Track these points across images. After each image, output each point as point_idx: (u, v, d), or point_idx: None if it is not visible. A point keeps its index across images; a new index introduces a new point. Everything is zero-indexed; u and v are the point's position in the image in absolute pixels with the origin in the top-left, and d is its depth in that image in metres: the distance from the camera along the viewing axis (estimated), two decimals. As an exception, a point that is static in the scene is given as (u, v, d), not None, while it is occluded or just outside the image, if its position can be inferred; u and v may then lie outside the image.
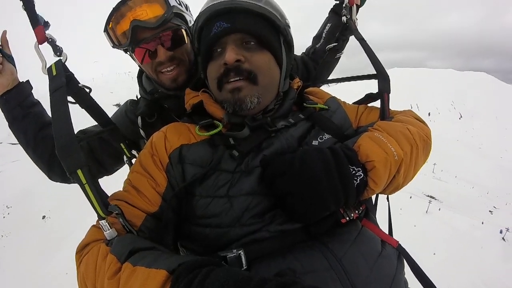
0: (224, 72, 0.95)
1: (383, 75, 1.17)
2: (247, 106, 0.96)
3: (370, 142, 0.89)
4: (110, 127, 1.28)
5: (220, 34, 0.95)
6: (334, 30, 1.58)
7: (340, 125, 1.08)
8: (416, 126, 1.03)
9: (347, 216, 0.90)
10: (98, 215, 0.81)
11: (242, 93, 0.95)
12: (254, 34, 0.96)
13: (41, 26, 1.07)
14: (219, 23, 0.95)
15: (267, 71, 0.98)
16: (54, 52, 1.08)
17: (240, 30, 0.95)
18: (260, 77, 0.96)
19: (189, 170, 0.93)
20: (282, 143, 0.97)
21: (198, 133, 0.98)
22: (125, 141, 1.31)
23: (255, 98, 0.96)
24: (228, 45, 0.95)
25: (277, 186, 0.84)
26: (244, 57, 0.94)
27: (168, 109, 1.40)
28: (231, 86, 0.95)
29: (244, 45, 0.96)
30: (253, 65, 0.95)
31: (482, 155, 25.38)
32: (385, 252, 0.90)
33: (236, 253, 0.81)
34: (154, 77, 1.33)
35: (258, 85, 0.96)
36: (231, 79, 0.95)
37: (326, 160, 0.83)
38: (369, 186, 0.86)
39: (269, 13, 0.98)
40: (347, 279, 0.78)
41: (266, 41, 0.98)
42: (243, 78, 0.95)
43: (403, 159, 0.88)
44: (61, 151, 0.81)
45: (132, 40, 1.22)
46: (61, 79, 0.99)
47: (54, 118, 0.87)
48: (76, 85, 1.14)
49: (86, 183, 0.80)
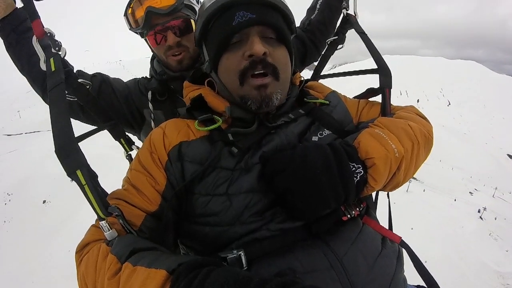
0: (250, 64, 0.91)
1: (385, 70, 1.14)
2: (273, 103, 0.94)
3: (370, 138, 0.88)
4: (110, 123, 1.27)
5: (244, 24, 0.90)
6: (328, 1, 1.59)
7: (341, 120, 1.06)
8: (418, 122, 1.01)
9: (348, 214, 0.89)
10: (98, 216, 0.80)
11: (269, 90, 0.92)
12: (276, 28, 0.94)
13: (39, 19, 1.04)
14: (242, 13, 0.90)
15: (285, 66, 0.97)
16: (53, 46, 1.04)
17: (265, 22, 0.92)
18: (281, 72, 0.94)
19: (189, 168, 0.91)
20: (282, 139, 0.95)
21: (197, 127, 0.96)
22: (125, 136, 1.32)
23: (278, 94, 0.94)
24: (253, 36, 0.91)
25: (276, 183, 0.83)
26: (268, 50, 0.92)
27: (174, 90, 1.50)
28: (258, 83, 0.91)
29: (265, 39, 0.93)
30: (275, 60, 0.93)
31: (468, 141, 26.04)
32: (385, 251, 0.89)
33: (237, 254, 0.80)
34: (163, 58, 1.45)
35: (280, 80, 0.94)
36: (257, 71, 0.91)
37: (326, 156, 0.82)
38: (369, 183, 0.85)
39: (285, 8, 0.97)
40: (347, 279, 0.77)
41: (284, 36, 0.96)
42: (269, 73, 0.92)
43: (403, 156, 0.87)
44: (60, 151, 0.80)
45: (146, 24, 1.36)
46: (59, 75, 0.96)
47: (53, 117, 0.86)
48: (75, 81, 1.13)
49: (86, 184, 0.79)
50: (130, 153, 1.32)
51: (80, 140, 0.94)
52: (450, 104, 23.84)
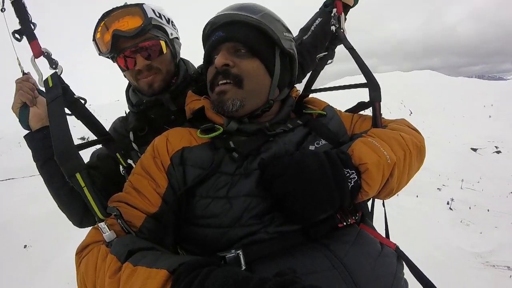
0: (214, 75, 1.02)
1: (374, 84, 1.17)
2: (228, 108, 0.99)
3: (363, 146, 0.91)
4: (105, 137, 1.28)
5: (216, 42, 1.03)
6: (323, 26, 1.57)
7: (336, 131, 1.10)
8: (409, 133, 1.04)
9: (344, 221, 0.91)
10: (97, 218, 0.81)
11: (226, 96, 0.99)
12: (245, 42, 1.01)
13: (36, 40, 1.08)
14: (218, 33, 1.03)
15: (254, 77, 1.01)
16: (50, 65, 1.08)
17: (232, 39, 1.01)
18: (246, 81, 1.00)
19: (190, 172, 0.93)
20: (280, 147, 0.98)
21: (199, 135, 1.00)
22: (121, 151, 1.31)
23: (237, 101, 0.99)
24: (221, 51, 1.01)
25: (275, 188, 0.84)
26: (233, 62, 1.00)
27: (155, 119, 1.42)
28: (218, 89, 1.01)
29: (236, 53, 1.02)
30: (240, 70, 1.00)
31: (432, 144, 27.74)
32: (385, 251, 0.90)
33: (235, 253, 0.81)
34: (134, 83, 1.39)
35: (243, 89, 1.00)
36: (220, 81, 1.01)
37: (322, 162, 0.84)
38: (363, 188, 0.86)
39: (264, 25, 1.03)
40: (350, 277, 0.78)
41: (256, 50, 1.02)
42: (230, 82, 0.99)
43: (395, 162, 0.89)
44: (60, 156, 0.83)
45: (113, 48, 1.29)
46: (57, 89, 1.00)
47: (53, 126, 0.89)
48: (71, 96, 1.14)
49: (85, 186, 0.81)
50: (126, 167, 1.29)
51: (79, 149, 0.94)
52: (412, 113, 25.75)
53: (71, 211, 1.26)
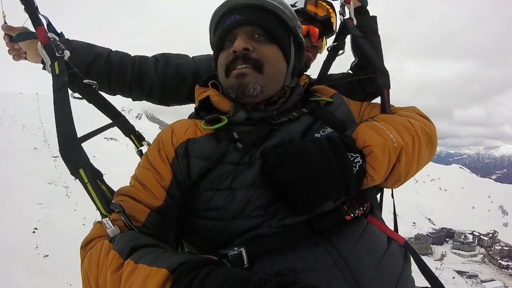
0: (233, 59, 0.96)
1: (382, 71, 1.14)
2: (249, 92, 0.95)
3: (367, 129, 0.88)
4: (119, 120, 1.25)
5: (232, 25, 0.98)
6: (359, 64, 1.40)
7: (343, 119, 1.05)
8: (419, 120, 1.00)
9: (351, 213, 0.88)
10: (101, 213, 0.80)
11: (247, 79, 0.95)
12: (264, 27, 0.98)
13: (42, 26, 1.05)
14: (233, 16, 0.98)
15: (273, 62, 0.99)
16: (56, 51, 1.05)
17: (251, 22, 0.97)
18: (266, 66, 0.96)
19: (195, 164, 0.91)
20: (285, 136, 0.95)
21: (204, 127, 0.97)
22: (135, 132, 1.29)
23: (258, 86, 0.95)
24: (239, 35, 0.97)
25: (275, 176, 0.82)
26: (252, 47, 0.96)
27: None
28: (237, 72, 0.95)
29: (254, 37, 0.98)
30: (260, 55, 0.96)
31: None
32: (390, 249, 0.87)
33: (237, 250, 0.79)
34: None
35: (264, 74, 0.96)
36: (239, 65, 0.95)
37: (323, 147, 0.82)
38: (368, 172, 0.83)
39: (280, 12, 1.00)
40: (351, 277, 0.76)
41: (274, 35, 0.99)
42: (250, 66, 0.95)
43: (403, 147, 0.86)
44: (64, 151, 0.82)
45: None
46: (63, 78, 0.97)
47: (57, 118, 0.88)
48: (81, 82, 1.12)
49: (88, 182, 0.80)
50: (141, 149, 1.28)
51: (84, 140, 0.94)
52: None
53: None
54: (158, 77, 1.43)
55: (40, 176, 37.01)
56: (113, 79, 1.40)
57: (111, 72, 1.39)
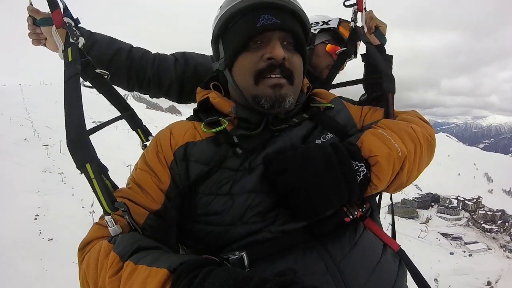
0: (268, 67, 0.90)
1: (388, 76, 1.13)
2: (285, 105, 0.92)
3: (373, 138, 0.87)
4: (128, 113, 1.23)
5: (269, 27, 0.90)
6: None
7: (344, 124, 1.04)
8: (420, 126, 0.99)
9: (350, 215, 0.87)
10: (104, 211, 0.78)
11: (283, 91, 0.91)
12: (296, 36, 0.94)
13: (58, 9, 1.01)
14: (267, 16, 0.89)
15: (299, 73, 0.97)
16: (71, 36, 1.00)
17: (287, 29, 0.92)
18: (296, 78, 0.94)
19: (194, 168, 0.90)
20: (286, 142, 0.93)
21: (203, 129, 0.95)
22: (142, 126, 1.26)
23: (291, 98, 0.94)
24: (275, 41, 0.90)
25: (279, 183, 0.81)
26: (286, 55, 0.91)
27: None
28: (273, 82, 0.90)
29: (283, 44, 0.92)
30: (291, 65, 0.93)
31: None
32: (384, 258, 0.86)
33: (239, 255, 0.79)
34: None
35: (294, 85, 0.94)
36: (276, 75, 0.90)
37: (328, 155, 0.81)
38: (373, 181, 0.83)
39: (307, 20, 0.97)
40: (343, 284, 0.76)
41: (301, 44, 0.96)
42: (285, 77, 0.91)
43: (406, 156, 0.85)
44: (71, 144, 0.80)
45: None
46: (75, 65, 0.94)
47: (66, 109, 0.85)
48: (93, 71, 1.09)
49: (94, 178, 0.78)
50: (146, 144, 1.24)
51: (92, 132, 0.91)
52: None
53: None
54: (177, 77, 1.44)
55: (34, 165, 37.17)
56: (133, 75, 1.41)
57: (131, 68, 1.40)
